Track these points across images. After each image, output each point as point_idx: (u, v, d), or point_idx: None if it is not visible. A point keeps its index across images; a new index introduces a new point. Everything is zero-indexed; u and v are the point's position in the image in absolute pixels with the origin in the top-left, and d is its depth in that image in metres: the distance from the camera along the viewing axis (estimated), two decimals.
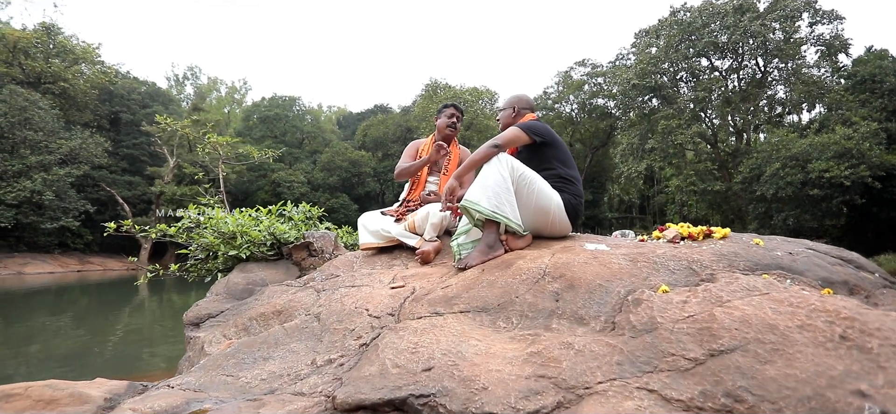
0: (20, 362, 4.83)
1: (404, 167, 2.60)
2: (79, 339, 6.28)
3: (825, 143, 17.08)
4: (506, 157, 1.81)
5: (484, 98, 30.64)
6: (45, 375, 4.26)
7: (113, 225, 2.68)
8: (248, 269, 2.49)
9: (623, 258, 1.42)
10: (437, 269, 1.91)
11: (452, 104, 2.77)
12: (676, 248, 1.49)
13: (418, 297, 1.50)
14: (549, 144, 2.00)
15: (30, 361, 4.89)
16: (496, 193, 1.71)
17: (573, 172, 2.01)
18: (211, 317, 1.97)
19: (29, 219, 19.43)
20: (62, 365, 4.67)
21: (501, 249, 1.76)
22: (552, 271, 1.39)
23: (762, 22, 21.48)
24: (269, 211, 3.05)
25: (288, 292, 1.94)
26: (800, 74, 22.37)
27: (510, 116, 2.24)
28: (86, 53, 25.87)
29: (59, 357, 5.08)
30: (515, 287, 1.37)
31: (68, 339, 6.23)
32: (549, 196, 1.84)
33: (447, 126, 2.67)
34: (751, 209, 19.90)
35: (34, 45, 23.42)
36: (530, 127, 1.98)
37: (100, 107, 27.22)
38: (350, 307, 1.54)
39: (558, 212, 1.86)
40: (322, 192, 31.33)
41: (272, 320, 1.72)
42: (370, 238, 2.36)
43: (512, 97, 2.30)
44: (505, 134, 1.95)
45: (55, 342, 5.98)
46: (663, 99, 24.95)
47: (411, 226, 2.26)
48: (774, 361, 0.89)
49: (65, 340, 6.16)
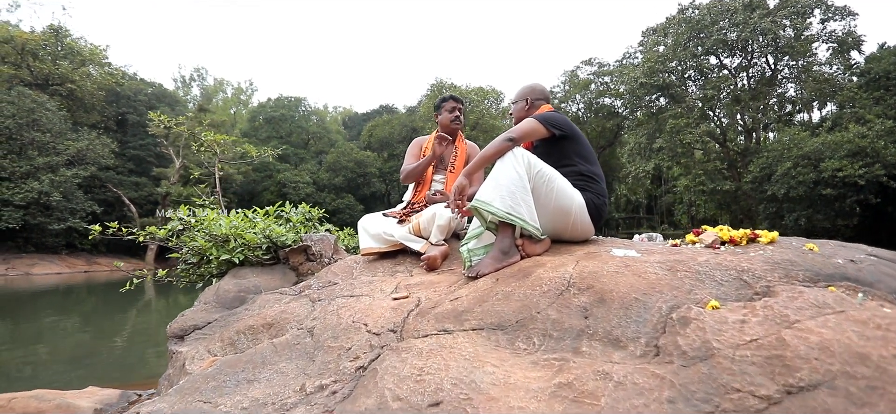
0: (27, 362, 4.80)
1: (410, 168, 2.41)
2: (85, 339, 6.24)
3: (838, 142, 16.72)
4: (522, 152, 1.63)
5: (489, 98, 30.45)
6: (50, 376, 4.19)
7: (97, 228, 2.52)
8: (242, 274, 2.31)
9: (659, 266, 1.23)
10: (444, 276, 1.73)
11: (451, 96, 2.54)
12: (719, 254, 1.30)
13: (424, 310, 1.32)
14: (568, 138, 1.80)
15: (37, 361, 4.85)
16: (511, 192, 1.54)
17: (596, 169, 1.82)
18: (197, 329, 1.80)
19: (36, 220, 19.50)
20: (68, 366, 4.61)
21: (517, 255, 1.58)
22: (578, 282, 1.21)
23: (772, 19, 21.12)
24: (266, 212, 2.88)
25: (281, 302, 1.77)
26: (811, 72, 21.97)
27: (524, 109, 2.03)
28: (93, 55, 26.01)
29: (66, 358, 5.03)
30: (536, 300, 1.19)
31: (75, 339, 6.20)
32: (569, 195, 1.66)
33: (451, 120, 2.47)
34: (761, 209, 19.54)
35: (42, 47, 23.56)
36: (548, 118, 1.78)
37: (107, 108, 27.36)
38: (347, 321, 1.37)
39: (580, 213, 1.67)
40: (327, 192, 31.28)
41: (262, 334, 1.55)
42: (371, 242, 2.17)
43: (525, 88, 2.08)
44: (520, 126, 1.75)
45: (62, 343, 5.95)
46: (671, 98, 24.64)
47: (416, 228, 2.08)
48: (874, 404, 0.70)
49: (71, 340, 6.13)
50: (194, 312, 1.96)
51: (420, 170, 2.37)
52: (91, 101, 25.68)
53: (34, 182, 19.38)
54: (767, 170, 18.73)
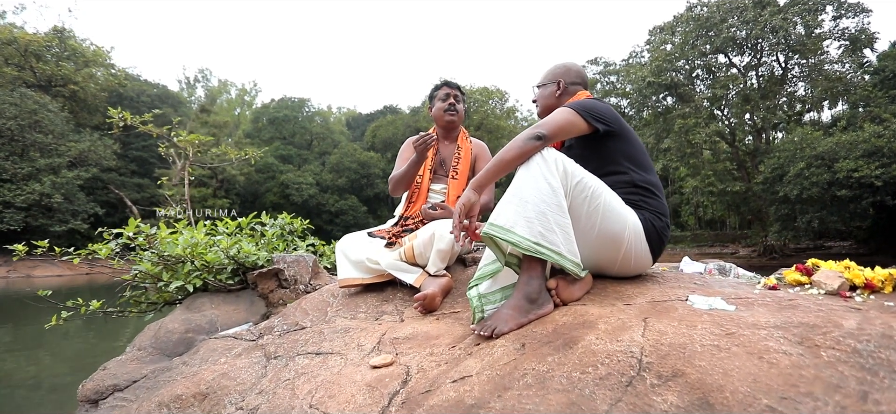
0: (30, 363, 4.60)
1: (397, 174, 1.87)
2: (87, 341, 6.00)
3: (853, 142, 16.15)
4: (555, 156, 1.16)
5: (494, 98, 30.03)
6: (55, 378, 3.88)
7: (44, 243, 2.12)
8: (198, 305, 1.87)
9: (783, 338, 0.78)
10: (446, 325, 1.26)
11: (444, 82, 2.02)
12: (867, 313, 0.86)
13: (413, 397, 0.87)
14: (616, 135, 1.31)
15: (39, 364, 4.66)
16: (541, 213, 1.08)
17: (652, 178, 1.33)
18: (117, 390, 1.36)
19: (38, 222, 19.25)
20: (71, 369, 4.34)
21: (549, 304, 1.12)
22: (656, 362, 0.77)
23: (784, 16, 20.55)
24: (238, 225, 2.44)
25: (228, 355, 1.33)
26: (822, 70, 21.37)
27: (553, 95, 1.51)
28: (96, 56, 25.82)
29: (68, 358, 4.79)
30: (590, 395, 0.74)
31: (76, 341, 5.96)
32: (621, 216, 1.19)
33: (445, 110, 1.96)
34: (772, 211, 18.97)
35: (46, 48, 23.38)
36: (589, 108, 1.29)
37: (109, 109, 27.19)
38: (302, 405, 0.93)
39: (635, 240, 1.21)
40: (331, 193, 30.93)
41: (191, 410, 1.12)
42: (352, 271, 1.67)
43: (556, 67, 1.55)
44: (551, 119, 1.25)
45: (63, 345, 5.73)
46: (679, 97, 24.13)
47: (409, 254, 1.60)
48: None
49: (73, 342, 5.89)
50: (120, 364, 1.51)
51: (409, 176, 1.85)
52: (94, 103, 25.52)
53: (35, 184, 19.16)
54: (779, 170, 18.17)
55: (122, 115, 3.26)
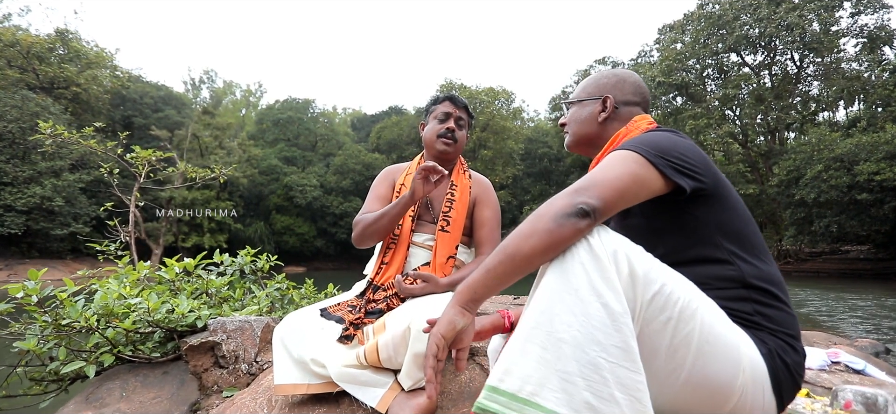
0: None
1: (368, 219, 1.36)
2: None
3: (874, 143, 15.53)
4: (613, 246, 0.69)
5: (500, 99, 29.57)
6: None
7: None
8: (104, 390, 1.47)
9: None
10: None
11: (448, 97, 1.52)
12: None
13: None
14: (709, 195, 0.81)
15: None
16: (591, 364, 0.61)
17: (772, 271, 0.82)
18: None
19: (39, 225, 19.22)
20: None
21: None
22: None
23: (799, 13, 19.88)
24: (184, 267, 2.02)
25: None
26: (838, 69, 20.67)
27: (595, 120, 1.00)
28: (99, 58, 25.74)
29: None
30: None
31: None
32: (731, 350, 0.71)
33: (440, 135, 1.47)
34: (788, 214, 18.35)
35: (48, 50, 23.34)
36: (665, 151, 0.79)
37: (113, 111, 27.18)
38: None
39: (753, 389, 0.72)
40: (335, 195, 30.67)
41: None
42: (292, 371, 1.11)
43: (601, 77, 1.04)
44: (603, 174, 0.76)
45: None
46: (690, 97, 23.57)
47: (372, 354, 1.05)
48: None
49: None
50: None
51: (385, 222, 1.33)
52: (97, 105, 25.45)
53: (36, 187, 19.11)
54: (795, 173, 17.56)
55: (52, 127, 2.87)
